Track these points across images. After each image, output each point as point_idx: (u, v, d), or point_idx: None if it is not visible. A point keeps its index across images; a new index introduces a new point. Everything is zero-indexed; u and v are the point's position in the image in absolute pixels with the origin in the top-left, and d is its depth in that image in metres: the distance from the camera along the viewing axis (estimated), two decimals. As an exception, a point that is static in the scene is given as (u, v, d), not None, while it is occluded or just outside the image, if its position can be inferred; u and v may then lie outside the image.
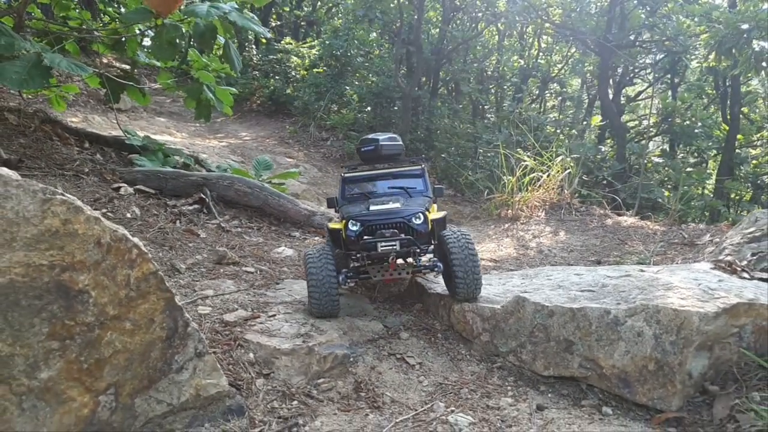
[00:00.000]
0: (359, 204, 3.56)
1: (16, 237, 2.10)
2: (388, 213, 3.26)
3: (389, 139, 3.92)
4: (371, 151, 3.87)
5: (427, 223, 3.27)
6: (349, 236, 3.26)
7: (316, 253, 3.27)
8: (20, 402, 2.07)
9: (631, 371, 2.62)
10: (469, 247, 3.15)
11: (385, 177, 3.84)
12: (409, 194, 3.67)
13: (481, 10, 15.40)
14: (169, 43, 4.16)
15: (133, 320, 2.28)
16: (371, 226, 3.23)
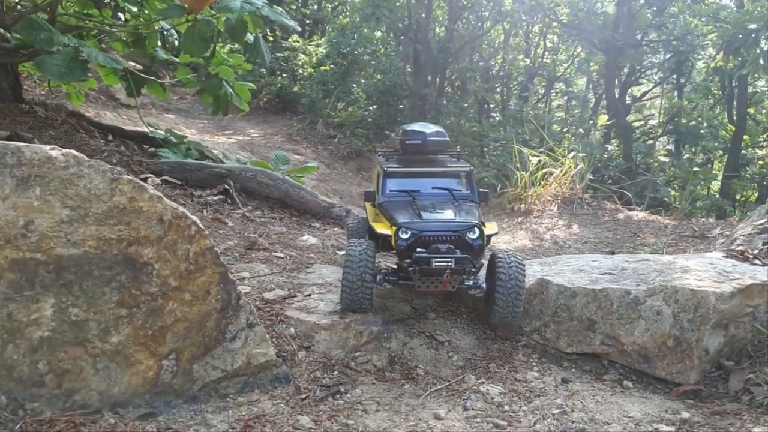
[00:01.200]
0: (406, 206, 3.33)
1: (89, 212, 2.30)
2: (443, 224, 3.10)
3: (437, 133, 3.70)
4: (417, 145, 3.65)
5: (482, 239, 3.11)
6: (399, 245, 3.10)
7: (357, 248, 3.13)
8: (95, 363, 2.27)
9: (650, 347, 2.82)
10: (518, 277, 3.03)
11: (431, 175, 3.59)
12: (454, 197, 3.46)
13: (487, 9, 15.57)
14: (201, 38, 4.36)
15: (191, 291, 2.48)
16: (424, 237, 3.06)
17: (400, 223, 3.13)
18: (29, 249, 2.20)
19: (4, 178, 2.18)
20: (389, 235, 3.18)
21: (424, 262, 2.96)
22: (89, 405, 2.25)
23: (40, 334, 2.20)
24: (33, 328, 2.19)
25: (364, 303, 3.10)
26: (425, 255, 2.97)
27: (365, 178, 12.54)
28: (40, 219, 2.22)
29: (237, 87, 6.34)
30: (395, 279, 3.18)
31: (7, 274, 2.16)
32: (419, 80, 13.77)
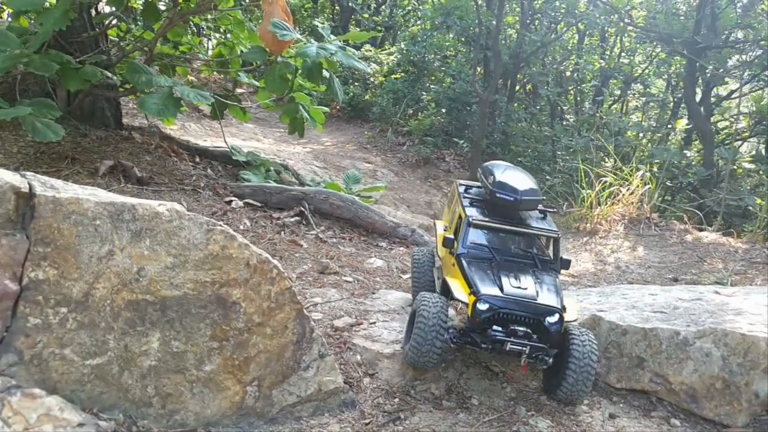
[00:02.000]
0: (485, 269, 3.22)
1: (188, 259, 2.72)
2: (524, 303, 3.00)
3: (531, 191, 3.44)
4: (509, 202, 3.41)
5: (561, 324, 3.01)
6: (475, 316, 3.02)
7: (431, 309, 3.07)
8: (192, 388, 2.69)
9: (698, 388, 2.93)
10: (592, 357, 2.96)
11: (516, 234, 3.47)
12: (536, 264, 3.34)
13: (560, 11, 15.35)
14: (281, 77, 4.79)
15: (272, 326, 2.86)
16: (503, 315, 2.99)
17: (480, 295, 3.02)
18: (141, 291, 2.64)
19: (122, 232, 2.63)
20: (467, 304, 3.08)
21: (498, 343, 2.95)
22: (187, 424, 2.67)
23: (148, 363, 2.63)
24: (143, 357, 2.63)
25: (431, 361, 3.09)
26: (501, 337, 2.94)
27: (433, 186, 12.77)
28: (150, 266, 2.66)
29: (312, 111, 6.77)
30: (464, 342, 3.11)
31: (124, 313, 2.61)
32: (489, 86, 13.82)
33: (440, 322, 3.04)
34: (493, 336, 2.97)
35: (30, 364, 2.45)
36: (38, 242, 2.51)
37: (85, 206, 2.60)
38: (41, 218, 2.53)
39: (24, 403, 2.31)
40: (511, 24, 16.57)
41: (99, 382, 2.55)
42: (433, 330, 3.02)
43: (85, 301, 2.56)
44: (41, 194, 2.56)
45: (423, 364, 3.10)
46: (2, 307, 2.44)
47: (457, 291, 3.15)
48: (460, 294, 3.12)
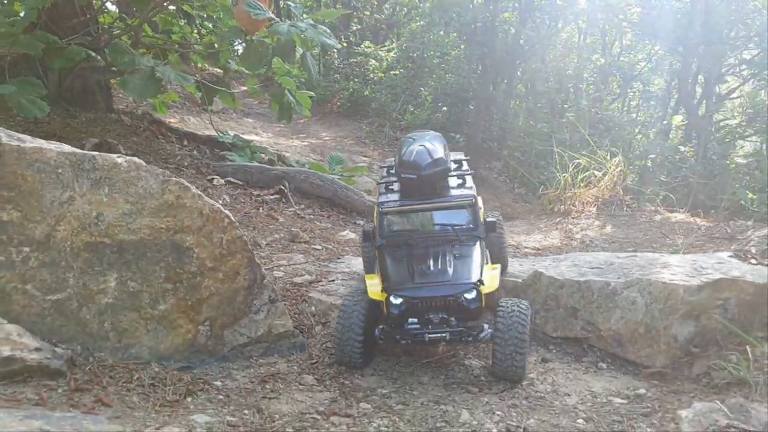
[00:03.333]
0: (400, 259, 3.14)
1: (145, 207, 2.95)
2: (436, 288, 2.92)
3: (434, 163, 3.20)
4: (413, 181, 3.23)
5: (480, 299, 2.92)
6: (391, 313, 2.96)
7: (351, 305, 3.07)
8: (146, 325, 2.93)
9: (624, 333, 3.12)
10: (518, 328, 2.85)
11: (429, 209, 3.29)
12: (457, 236, 3.19)
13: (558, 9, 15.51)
14: (256, 55, 5.02)
15: (224, 272, 3.08)
16: (417, 304, 2.92)
17: (391, 290, 2.97)
18: (99, 234, 2.87)
19: (82, 180, 2.87)
20: (381, 301, 3.02)
21: (417, 336, 2.89)
22: (141, 357, 2.90)
23: (106, 300, 2.87)
24: (101, 295, 2.86)
25: (353, 359, 3.04)
26: (417, 329, 2.89)
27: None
28: (108, 211, 2.90)
29: (298, 95, 6.99)
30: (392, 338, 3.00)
31: (83, 254, 2.85)
32: (486, 82, 14.01)
33: (358, 321, 2.99)
34: (409, 330, 2.90)
35: (-6, 296, 2.69)
36: (3, 187, 2.76)
37: (48, 155, 2.85)
38: (6, 165, 2.77)
39: (-15, 327, 2.55)
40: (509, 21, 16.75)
41: (58, 315, 2.79)
42: (348, 330, 2.99)
43: (46, 242, 2.80)
44: (6, 143, 2.80)
45: (347, 363, 3.08)
46: (-30, 244, 2.69)
47: (372, 288, 3.09)
48: (374, 292, 3.07)
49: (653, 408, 2.66)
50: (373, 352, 3.22)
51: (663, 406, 2.66)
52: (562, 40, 16.98)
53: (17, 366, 2.49)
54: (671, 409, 2.62)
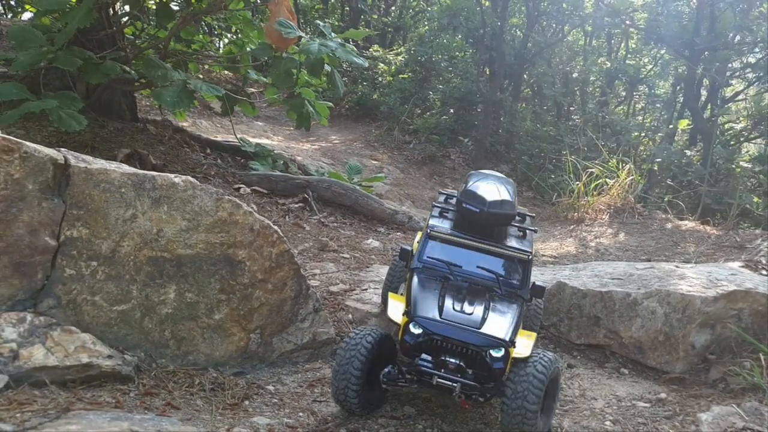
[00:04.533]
0: (434, 287, 2.87)
1: (200, 224, 3.19)
2: (463, 331, 2.60)
3: (501, 204, 3.02)
4: (475, 215, 3.04)
5: (506, 361, 2.56)
6: (405, 341, 2.66)
7: (355, 338, 2.75)
8: (203, 333, 3.16)
9: (644, 341, 3.36)
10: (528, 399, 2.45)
11: (481, 251, 3.02)
12: (499, 287, 2.90)
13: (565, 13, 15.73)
14: (286, 72, 5.26)
15: (273, 283, 3.32)
16: (436, 340, 2.61)
17: (414, 315, 2.67)
18: (160, 249, 3.11)
19: (143, 199, 3.11)
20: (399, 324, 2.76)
21: (424, 375, 2.57)
22: (198, 363, 3.14)
23: (166, 311, 3.11)
24: (161, 306, 3.10)
25: (350, 404, 2.71)
26: (428, 368, 2.56)
27: (438, 183, 13.20)
28: (167, 228, 3.13)
29: (317, 105, 7.24)
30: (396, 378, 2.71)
31: (145, 267, 3.09)
32: (494, 86, 14.23)
33: (359, 354, 2.66)
34: (419, 366, 2.57)
35: (66, 307, 2.93)
36: (73, 206, 3.00)
37: (112, 176, 3.08)
38: (75, 185, 3.01)
39: (63, 336, 2.79)
40: (517, 25, 16.98)
41: (124, 325, 3.03)
42: (345, 373, 2.65)
43: (112, 257, 3.04)
44: (75, 165, 3.05)
45: (343, 406, 2.76)
46: (43, 259, 2.93)
47: (393, 310, 2.84)
48: (394, 314, 2.81)
49: (674, 411, 2.90)
50: (381, 396, 2.88)
51: (683, 410, 2.90)
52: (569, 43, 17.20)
53: (94, 372, 2.74)
54: (691, 412, 2.86)
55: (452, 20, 14.78)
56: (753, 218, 9.91)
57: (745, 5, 12.92)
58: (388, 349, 2.82)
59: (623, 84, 17.74)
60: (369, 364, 2.69)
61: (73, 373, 2.69)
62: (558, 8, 15.59)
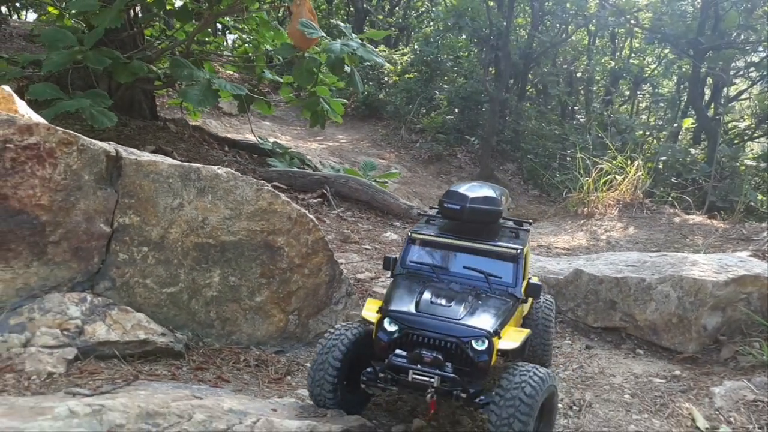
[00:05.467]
0: (414, 286, 2.70)
1: (242, 212, 3.41)
2: (442, 322, 2.43)
3: (484, 199, 2.89)
4: (455, 211, 2.87)
5: (490, 354, 2.37)
6: (379, 339, 2.50)
7: (334, 333, 2.62)
8: (245, 314, 3.39)
9: (659, 323, 3.58)
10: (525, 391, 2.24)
11: (466, 250, 2.86)
12: (488, 287, 2.72)
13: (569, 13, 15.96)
14: (308, 71, 5.48)
15: (309, 268, 3.55)
16: (412, 335, 2.45)
17: (387, 310, 2.52)
18: (205, 236, 3.34)
19: (189, 188, 3.33)
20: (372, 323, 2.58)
21: (399, 371, 2.37)
22: (241, 342, 3.36)
23: (211, 293, 3.33)
24: (207, 289, 3.33)
25: (324, 399, 2.55)
26: (402, 362, 2.37)
27: (444, 181, 13.42)
28: (212, 216, 3.36)
29: (332, 103, 7.46)
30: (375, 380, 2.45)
31: (192, 252, 3.31)
32: (500, 86, 14.46)
33: (336, 354, 2.51)
34: (392, 362, 2.38)
35: (120, 289, 3.16)
36: (125, 195, 3.23)
37: (160, 167, 3.31)
38: (126, 176, 3.24)
39: (120, 315, 3.02)
40: (522, 25, 17.22)
41: (173, 306, 3.26)
42: (322, 364, 2.52)
43: (161, 243, 3.27)
44: (126, 157, 3.28)
45: (317, 402, 2.58)
46: (99, 244, 3.16)
47: (366, 311, 2.67)
48: (368, 312, 2.65)
49: (689, 386, 3.12)
50: (362, 399, 2.71)
51: (697, 384, 3.12)
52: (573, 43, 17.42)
53: (150, 348, 2.96)
54: (704, 386, 3.08)
55: (458, 20, 15.02)
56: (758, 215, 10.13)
57: (749, 4, 13.14)
58: (366, 347, 2.60)
59: (627, 83, 17.99)
60: (349, 360, 2.55)
61: (132, 348, 2.92)
62: (562, 8, 15.81)
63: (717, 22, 13.28)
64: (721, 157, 13.41)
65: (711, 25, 13.26)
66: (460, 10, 14.74)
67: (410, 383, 2.35)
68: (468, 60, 16.37)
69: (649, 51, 18.37)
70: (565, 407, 2.90)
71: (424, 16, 21.29)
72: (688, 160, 12.28)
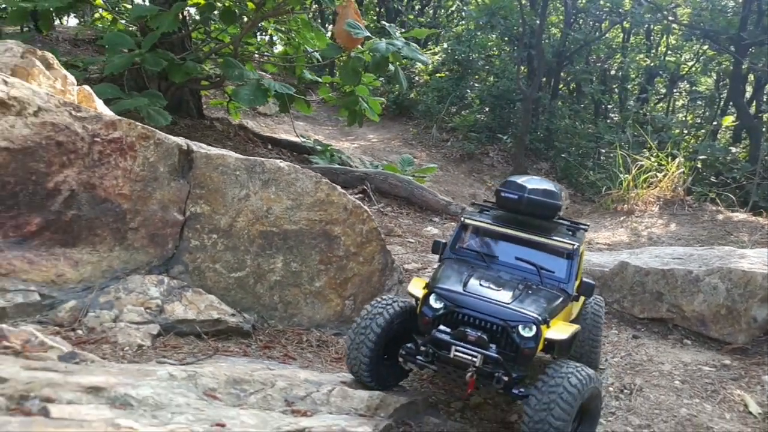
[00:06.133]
0: (462, 271, 2.67)
1: (302, 203, 3.64)
2: (490, 305, 2.41)
3: (544, 192, 2.86)
4: (512, 201, 2.85)
5: (537, 341, 2.34)
6: (424, 314, 2.49)
7: (372, 309, 2.62)
8: (305, 298, 3.61)
9: (707, 314, 3.69)
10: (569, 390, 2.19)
11: (519, 242, 2.82)
12: (540, 279, 2.69)
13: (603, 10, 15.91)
14: (353, 70, 5.70)
15: (364, 256, 3.75)
16: (457, 313, 2.44)
17: (434, 287, 2.51)
18: (269, 225, 3.57)
19: (255, 180, 3.57)
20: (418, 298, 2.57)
21: (441, 346, 2.37)
22: (302, 324, 3.59)
23: (275, 278, 3.56)
24: (270, 274, 3.56)
25: (361, 372, 2.59)
26: (445, 337, 2.37)
27: (477, 180, 13.53)
28: (275, 206, 3.59)
29: (370, 102, 7.67)
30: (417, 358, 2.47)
31: (257, 240, 3.55)
32: (533, 84, 14.51)
33: (373, 325, 2.53)
34: (435, 337, 2.39)
35: (193, 273, 3.41)
36: (196, 186, 3.48)
37: (228, 160, 3.55)
38: (197, 168, 3.49)
39: (195, 297, 3.26)
40: (555, 23, 17.21)
41: (240, 290, 3.49)
42: (361, 333, 2.54)
43: (229, 230, 3.51)
44: (197, 151, 3.53)
45: (355, 375, 2.62)
46: (173, 231, 3.41)
47: (412, 287, 2.69)
48: (414, 288, 2.66)
49: (740, 374, 3.23)
50: (399, 374, 2.73)
51: (748, 373, 3.23)
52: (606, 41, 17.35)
53: (222, 327, 3.20)
54: (756, 375, 3.19)
55: (490, 19, 15.11)
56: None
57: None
58: (405, 323, 2.62)
59: (663, 81, 17.84)
60: (388, 334, 2.56)
61: (206, 326, 3.16)
62: (596, 5, 15.78)
63: (760, 17, 13.13)
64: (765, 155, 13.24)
65: (754, 20, 13.11)
66: (493, 9, 14.82)
67: (451, 360, 2.34)
68: (500, 58, 16.44)
69: (686, 48, 18.18)
70: (615, 390, 3.05)
71: (455, 15, 21.41)
72: (728, 158, 12.16)
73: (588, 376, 2.26)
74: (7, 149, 2.95)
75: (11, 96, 2.98)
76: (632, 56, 17.15)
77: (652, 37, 18.28)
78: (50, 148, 3.07)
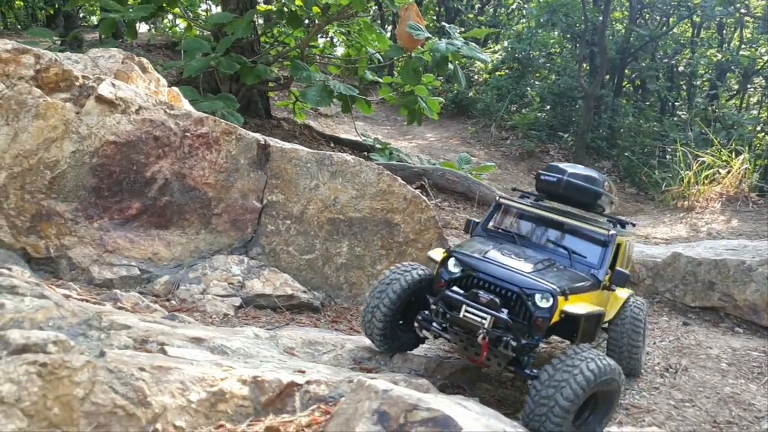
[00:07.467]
0: (488, 242, 2.72)
1: (366, 193, 3.99)
2: (507, 272, 2.40)
3: (585, 178, 2.87)
4: (551, 183, 2.87)
5: (552, 312, 2.30)
6: (440, 277, 2.50)
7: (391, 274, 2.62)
8: (368, 280, 3.96)
9: (759, 303, 3.79)
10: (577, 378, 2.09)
11: (553, 225, 2.82)
12: (570, 262, 2.67)
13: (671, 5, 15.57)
14: (414, 70, 6.02)
15: (422, 242, 4.07)
16: (473, 278, 2.44)
17: (453, 251, 2.54)
18: (336, 212, 3.94)
19: (324, 172, 3.95)
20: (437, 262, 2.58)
21: (452, 306, 2.35)
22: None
23: (340, 261, 3.93)
24: (337, 257, 3.93)
25: (373, 338, 2.65)
26: (457, 296, 2.36)
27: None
28: (341, 196, 3.95)
29: (429, 101, 7.96)
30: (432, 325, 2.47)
31: (325, 226, 3.92)
32: (595, 81, 14.40)
33: (390, 290, 2.53)
34: (447, 295, 2.37)
35: (269, 255, 3.82)
36: (272, 177, 3.89)
37: (300, 154, 3.95)
38: (273, 161, 3.90)
39: (271, 275, 3.67)
40: (619, 19, 16.95)
41: (310, 270, 3.88)
42: (377, 297, 2.55)
43: (301, 217, 3.90)
44: (273, 145, 3.94)
45: (369, 337, 2.68)
46: (252, 217, 3.84)
47: (434, 252, 2.72)
48: (434, 253, 2.69)
49: (788, 359, 3.34)
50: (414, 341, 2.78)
51: (796, 358, 3.34)
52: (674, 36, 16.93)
53: (295, 302, 3.59)
54: (804, 360, 3.29)
55: (552, 16, 15.10)
56: None
57: None
58: (421, 290, 2.61)
59: (736, 76, 17.23)
60: (404, 300, 2.56)
61: (281, 301, 3.55)
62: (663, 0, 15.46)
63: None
64: None
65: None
66: (554, 6, 14.81)
67: (461, 321, 2.31)
68: (561, 56, 16.36)
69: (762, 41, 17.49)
70: (661, 369, 3.24)
71: (515, 14, 21.38)
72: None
73: (609, 366, 2.16)
74: (115, 143, 3.45)
75: (118, 96, 3.47)
76: (702, 51, 16.68)
77: (725, 32, 17.69)
78: (149, 141, 3.55)
